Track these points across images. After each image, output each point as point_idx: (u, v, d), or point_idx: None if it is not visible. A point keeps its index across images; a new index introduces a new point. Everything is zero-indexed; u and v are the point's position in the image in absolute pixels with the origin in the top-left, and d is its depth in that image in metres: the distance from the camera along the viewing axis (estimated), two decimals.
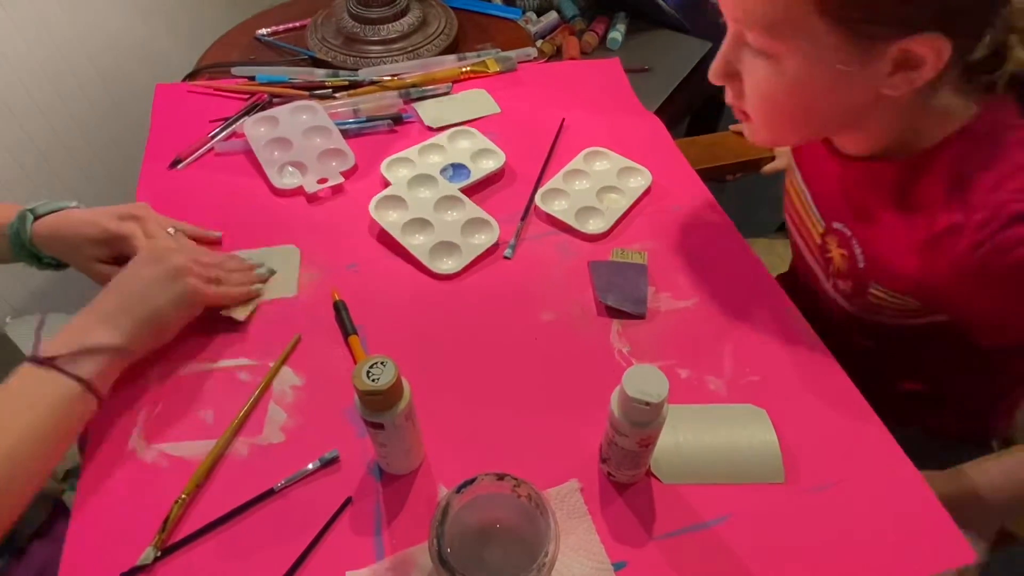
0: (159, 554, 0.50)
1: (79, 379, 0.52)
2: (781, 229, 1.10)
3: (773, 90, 0.55)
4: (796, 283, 0.80)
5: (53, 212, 0.66)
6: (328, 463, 0.56)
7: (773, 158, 1.02)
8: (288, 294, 0.69)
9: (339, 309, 0.66)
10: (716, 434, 0.58)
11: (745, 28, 0.53)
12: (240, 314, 0.65)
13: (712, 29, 1.37)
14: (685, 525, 0.53)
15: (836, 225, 0.65)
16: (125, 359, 0.56)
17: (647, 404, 0.46)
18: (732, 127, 1.06)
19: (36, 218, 0.65)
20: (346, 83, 0.92)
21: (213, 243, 0.72)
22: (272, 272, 0.70)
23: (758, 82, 0.55)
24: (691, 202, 0.79)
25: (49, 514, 0.64)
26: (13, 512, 0.49)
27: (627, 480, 0.55)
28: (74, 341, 0.53)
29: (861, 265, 0.63)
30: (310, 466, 0.55)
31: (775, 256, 1.01)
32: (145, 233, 0.64)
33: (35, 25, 1.13)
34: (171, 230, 0.68)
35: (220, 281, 0.64)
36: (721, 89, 0.62)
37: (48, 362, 0.51)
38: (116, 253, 0.64)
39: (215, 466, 0.56)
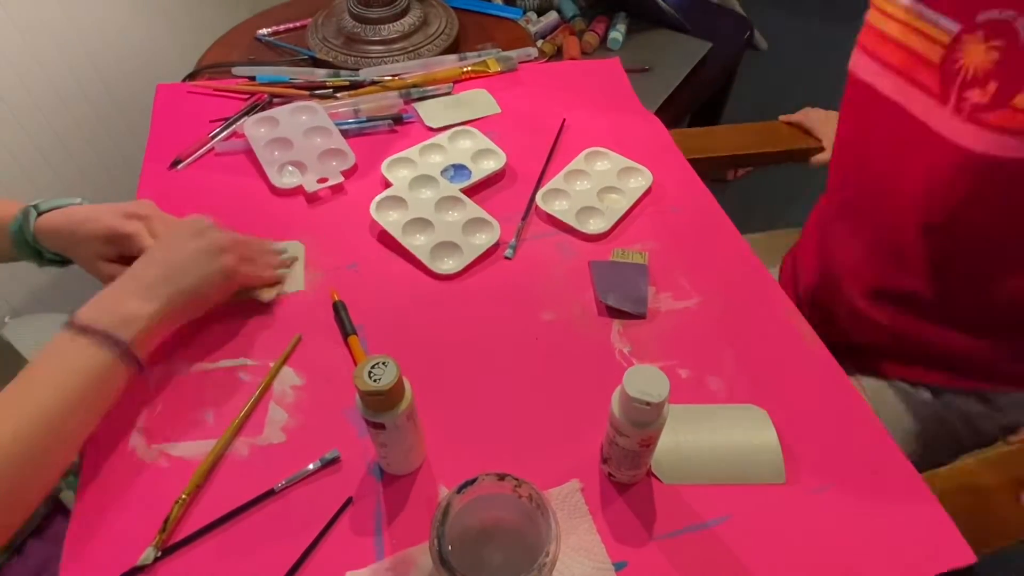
0: (159, 554, 0.50)
1: (117, 346, 0.53)
2: (781, 227, 1.10)
3: None
4: (851, 178, 0.75)
5: (57, 208, 0.66)
6: (329, 463, 0.56)
7: (772, 153, 1.02)
8: (298, 288, 0.69)
9: (338, 309, 0.66)
10: (717, 434, 0.58)
11: None
12: (266, 295, 0.67)
13: (712, 29, 1.37)
14: (686, 525, 0.53)
15: (985, 16, 0.55)
16: (163, 328, 0.57)
17: (648, 404, 0.46)
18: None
19: (40, 214, 0.65)
20: (347, 83, 0.92)
21: None
22: (294, 259, 0.71)
23: None
24: (691, 202, 0.79)
25: (47, 513, 0.64)
26: (51, 478, 0.50)
27: (628, 480, 0.55)
28: (113, 308, 0.54)
29: None
30: (311, 466, 0.56)
31: (775, 254, 1.01)
32: (150, 232, 0.64)
33: (35, 25, 1.13)
34: None
35: (253, 261, 0.66)
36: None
37: (85, 329, 0.52)
38: (120, 251, 0.64)
39: (215, 466, 0.56)
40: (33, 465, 0.48)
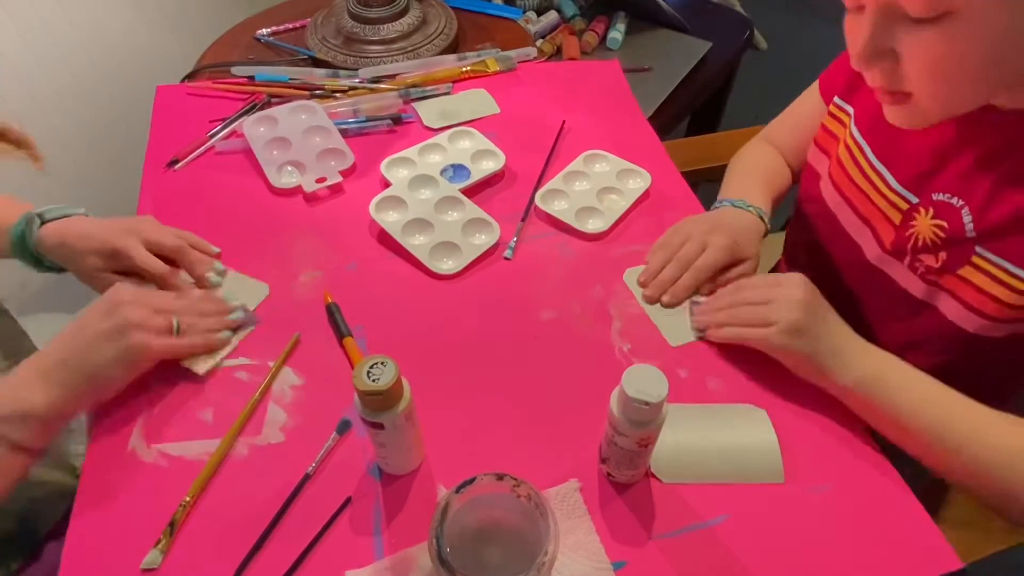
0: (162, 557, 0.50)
1: (6, 442, 0.50)
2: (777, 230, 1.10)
3: (954, 54, 0.47)
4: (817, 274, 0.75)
5: (61, 218, 0.66)
6: (344, 431, 0.58)
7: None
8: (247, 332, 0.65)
9: (332, 312, 0.66)
10: (716, 434, 0.58)
11: None
12: (200, 367, 0.61)
13: (712, 29, 1.36)
14: (684, 525, 0.53)
15: (938, 196, 0.59)
16: (67, 413, 0.54)
17: (647, 404, 0.46)
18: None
19: (43, 223, 0.65)
20: (345, 88, 0.92)
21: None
22: (247, 315, 0.65)
23: (929, 52, 0.47)
24: (685, 210, 0.79)
25: (65, 511, 0.64)
26: None
27: (626, 480, 0.55)
28: (8, 399, 0.51)
29: (970, 234, 0.57)
30: (329, 442, 0.57)
31: (772, 256, 1.01)
32: (144, 244, 0.64)
33: (34, 25, 1.13)
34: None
35: (183, 330, 0.60)
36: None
37: None
38: (117, 266, 0.64)
39: (217, 467, 0.56)
40: None
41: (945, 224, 0.58)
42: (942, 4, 0.44)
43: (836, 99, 0.72)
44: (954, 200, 0.58)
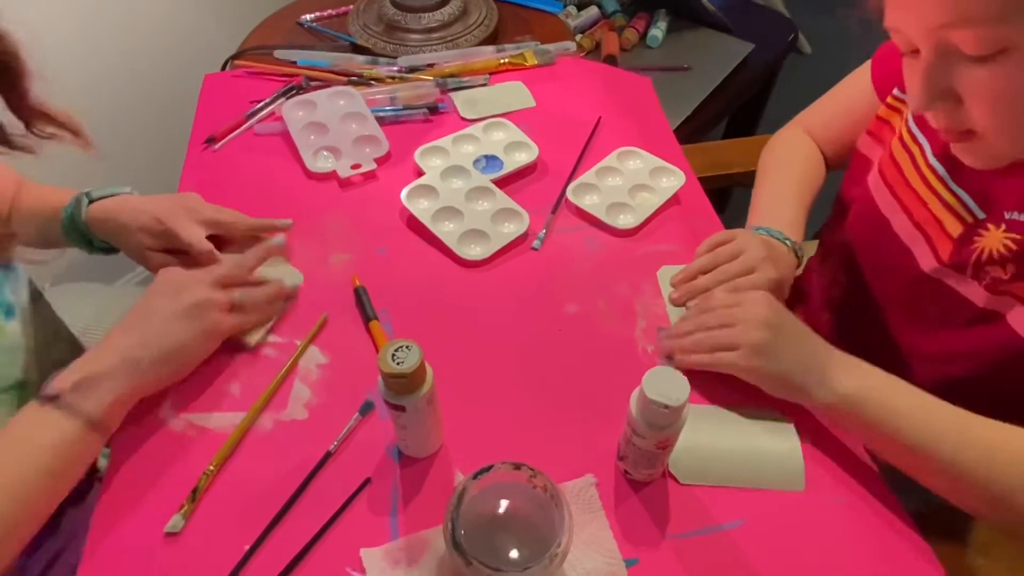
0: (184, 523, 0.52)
1: (84, 418, 0.50)
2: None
3: (1015, 90, 0.45)
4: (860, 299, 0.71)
5: (108, 197, 0.68)
6: (367, 412, 0.59)
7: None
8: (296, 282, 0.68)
9: (360, 295, 0.67)
10: (738, 436, 0.58)
11: (957, 35, 0.45)
12: (252, 339, 0.63)
13: (755, 30, 1.32)
14: (699, 527, 0.53)
15: (1012, 215, 0.56)
16: (139, 392, 0.55)
17: (667, 407, 0.46)
18: None
19: (91, 201, 0.67)
20: (383, 79, 0.92)
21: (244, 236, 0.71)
22: (292, 286, 0.67)
23: (990, 90, 0.46)
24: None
25: (86, 480, 0.66)
26: (13, 551, 0.48)
27: (643, 479, 0.55)
28: (83, 378, 0.52)
29: None
30: (351, 422, 0.58)
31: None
32: (197, 221, 0.65)
33: (84, 7, 1.16)
34: None
35: (241, 305, 0.62)
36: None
37: (53, 400, 0.50)
38: (165, 244, 0.65)
39: (241, 439, 0.57)
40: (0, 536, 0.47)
41: (1018, 236, 0.55)
42: (998, 41, 0.43)
43: (896, 91, 0.68)
44: None
